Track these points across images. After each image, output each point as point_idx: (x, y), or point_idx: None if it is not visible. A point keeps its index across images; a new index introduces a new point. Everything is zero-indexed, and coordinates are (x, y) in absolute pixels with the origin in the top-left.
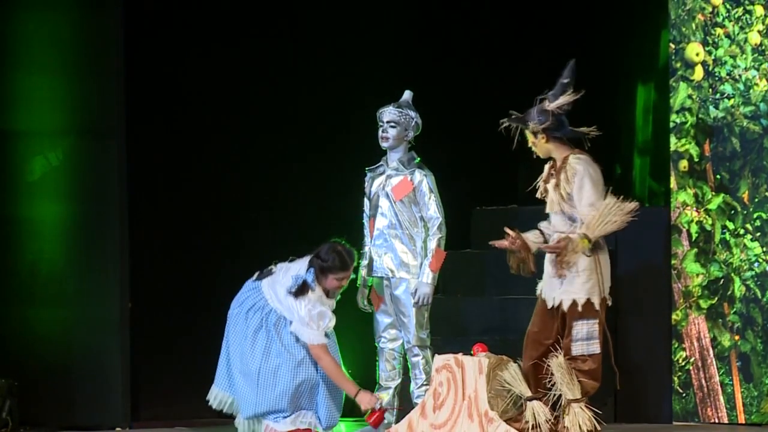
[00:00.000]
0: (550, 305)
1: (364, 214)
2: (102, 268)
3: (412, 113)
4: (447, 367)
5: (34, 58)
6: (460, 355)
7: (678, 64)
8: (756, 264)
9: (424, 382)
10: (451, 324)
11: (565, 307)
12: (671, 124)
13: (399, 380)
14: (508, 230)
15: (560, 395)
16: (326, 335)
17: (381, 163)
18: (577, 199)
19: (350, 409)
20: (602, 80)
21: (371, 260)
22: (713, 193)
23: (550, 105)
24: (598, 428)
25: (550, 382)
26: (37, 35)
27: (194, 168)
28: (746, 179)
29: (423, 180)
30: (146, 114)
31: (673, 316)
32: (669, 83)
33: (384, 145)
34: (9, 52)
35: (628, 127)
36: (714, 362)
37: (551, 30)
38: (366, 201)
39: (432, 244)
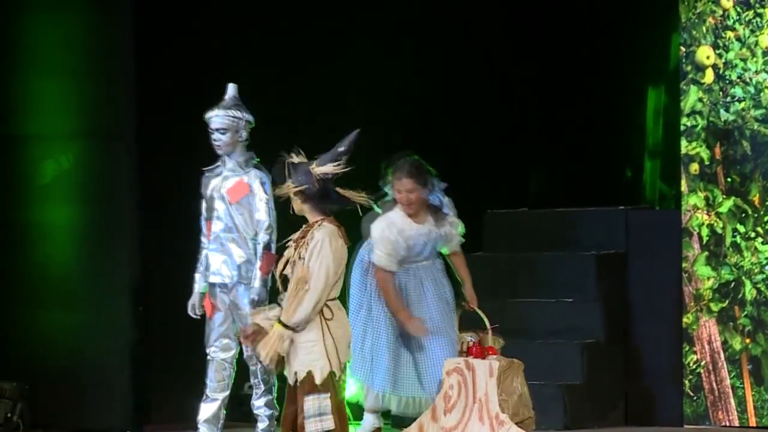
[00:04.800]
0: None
1: (201, 217)
2: (112, 272)
3: (240, 114)
4: (457, 370)
5: (45, 61)
6: (470, 358)
7: (689, 67)
8: (767, 267)
9: (264, 392)
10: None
11: (290, 381)
12: (682, 127)
13: (228, 392)
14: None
15: None
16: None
17: (218, 163)
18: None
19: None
20: (613, 83)
21: (208, 265)
22: (724, 196)
23: (316, 169)
24: None
25: None
26: (48, 38)
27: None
28: (757, 182)
29: (256, 181)
30: (157, 117)
31: (684, 319)
32: (680, 86)
33: (219, 152)
34: (20, 56)
35: (639, 130)
36: (725, 365)
37: (562, 34)
38: (203, 203)
39: (260, 248)
